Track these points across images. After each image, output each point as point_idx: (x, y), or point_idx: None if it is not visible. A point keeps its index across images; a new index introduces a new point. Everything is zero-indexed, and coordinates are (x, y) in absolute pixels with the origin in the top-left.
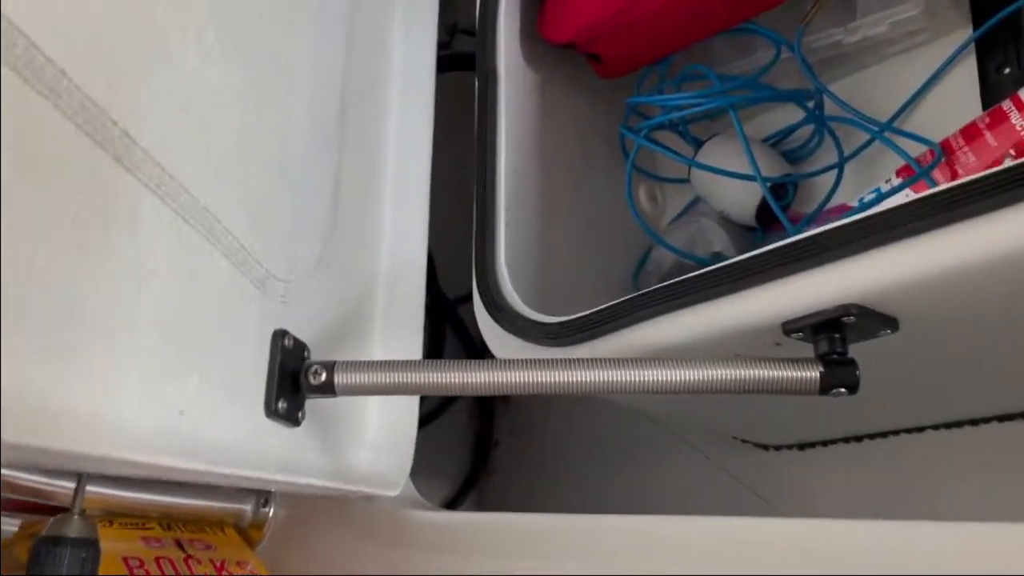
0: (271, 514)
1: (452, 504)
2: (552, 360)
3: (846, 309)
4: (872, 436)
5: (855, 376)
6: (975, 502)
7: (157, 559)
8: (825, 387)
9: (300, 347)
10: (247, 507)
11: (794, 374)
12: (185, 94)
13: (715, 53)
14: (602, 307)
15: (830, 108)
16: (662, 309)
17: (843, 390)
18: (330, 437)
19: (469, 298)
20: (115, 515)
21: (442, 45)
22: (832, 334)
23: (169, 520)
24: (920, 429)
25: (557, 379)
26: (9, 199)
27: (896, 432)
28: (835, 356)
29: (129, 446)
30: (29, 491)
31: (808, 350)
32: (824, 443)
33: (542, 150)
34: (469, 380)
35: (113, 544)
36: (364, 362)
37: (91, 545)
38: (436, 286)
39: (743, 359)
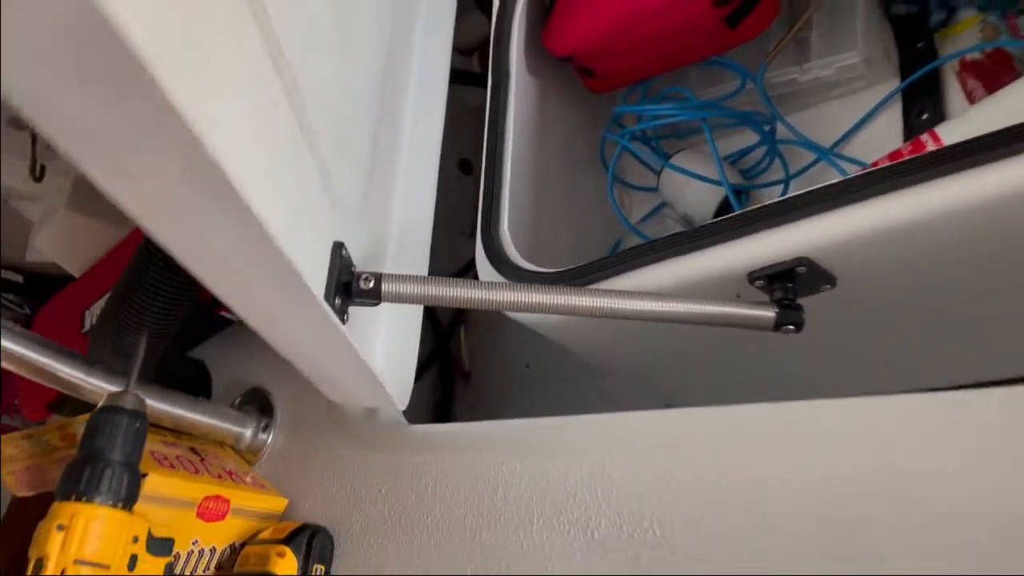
0: (269, 440)
1: None
2: (550, 286)
3: (799, 261)
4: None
5: (801, 318)
6: None
7: (178, 457)
8: (778, 324)
9: (349, 260)
10: (247, 431)
11: (756, 312)
12: (311, 27)
13: (690, 80)
14: (592, 260)
15: (782, 133)
16: (644, 261)
17: (792, 327)
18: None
19: None
20: None
21: None
22: (786, 283)
23: (180, 432)
24: None
25: (555, 301)
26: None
27: None
28: (787, 301)
29: None
30: (68, 385)
31: (765, 300)
32: None
33: (539, 142)
34: (486, 297)
35: None
36: (404, 275)
37: (142, 417)
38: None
39: (717, 300)
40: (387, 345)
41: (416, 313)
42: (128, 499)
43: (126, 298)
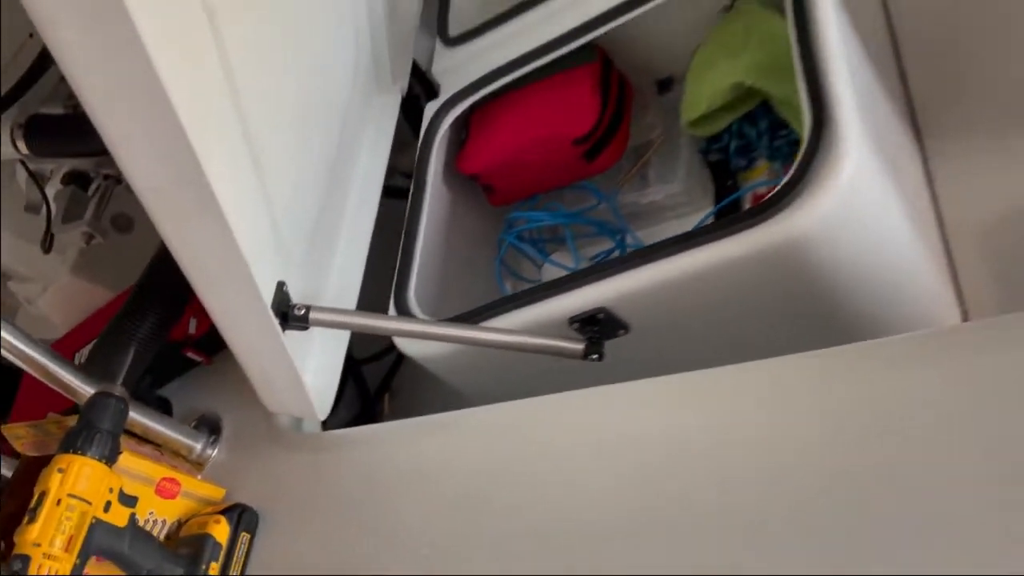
0: (215, 453)
1: None
2: (421, 320)
3: (598, 310)
4: None
5: (602, 351)
6: None
7: (144, 450)
8: (585, 354)
9: (288, 295)
10: (198, 444)
11: (569, 345)
12: (277, 96)
13: (566, 197)
14: (464, 312)
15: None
16: (502, 310)
17: (596, 357)
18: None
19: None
20: None
21: None
22: (592, 326)
23: (147, 440)
24: None
25: (424, 329)
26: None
27: None
28: (593, 338)
29: None
30: (61, 384)
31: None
32: None
33: (447, 235)
34: (384, 325)
35: None
36: (327, 307)
37: (125, 403)
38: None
39: (544, 334)
40: (316, 366)
41: (341, 344)
42: (110, 458)
43: (119, 327)
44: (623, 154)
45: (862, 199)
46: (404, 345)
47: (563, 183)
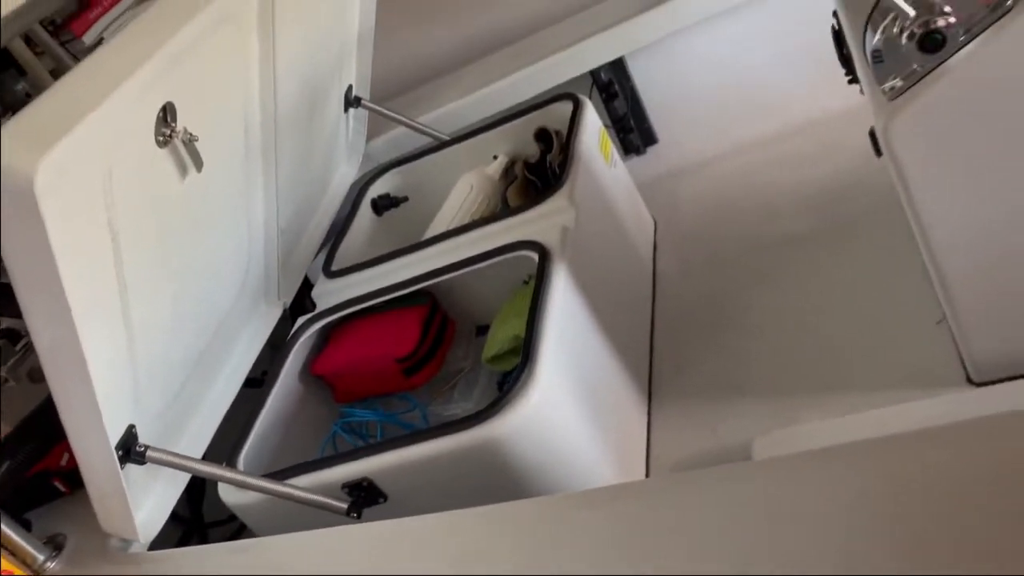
0: (54, 565)
1: None
2: (241, 475)
3: (363, 479)
4: None
5: (361, 511)
6: None
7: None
8: (347, 512)
9: (135, 436)
10: (41, 556)
11: (336, 503)
12: (161, 294)
13: (392, 402)
14: (277, 470)
15: None
16: (299, 472)
17: (356, 516)
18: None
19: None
20: None
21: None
22: (360, 492)
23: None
24: None
25: (240, 479)
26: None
27: None
28: (358, 502)
29: None
30: None
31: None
32: None
33: (295, 417)
34: (213, 472)
35: None
36: (163, 449)
37: None
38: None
39: (320, 492)
40: (150, 501)
41: (177, 486)
42: None
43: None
44: (437, 375)
45: (548, 418)
46: (224, 494)
47: (391, 391)
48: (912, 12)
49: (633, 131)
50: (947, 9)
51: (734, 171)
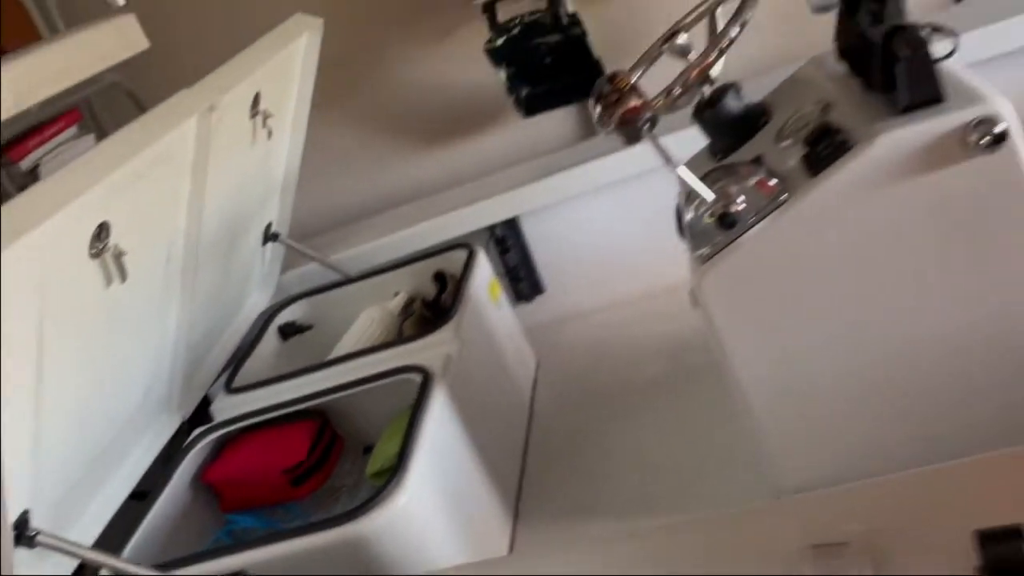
0: None
1: None
2: (122, 562)
3: (240, 571)
4: None
5: None
6: None
7: None
8: None
9: (28, 520)
10: None
11: None
12: (72, 399)
13: (277, 512)
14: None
15: None
16: (187, 563)
17: None
18: None
19: None
20: None
21: None
22: None
23: None
24: None
25: (120, 566)
26: None
27: None
28: None
29: None
30: None
31: None
32: None
33: (184, 519)
34: (97, 559)
35: None
36: (57, 536)
37: None
38: None
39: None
40: None
41: (64, 570)
42: None
43: None
44: (323, 487)
45: (415, 518)
46: None
47: (277, 501)
48: (711, 197)
49: (523, 280)
50: (740, 199)
51: (610, 322)
